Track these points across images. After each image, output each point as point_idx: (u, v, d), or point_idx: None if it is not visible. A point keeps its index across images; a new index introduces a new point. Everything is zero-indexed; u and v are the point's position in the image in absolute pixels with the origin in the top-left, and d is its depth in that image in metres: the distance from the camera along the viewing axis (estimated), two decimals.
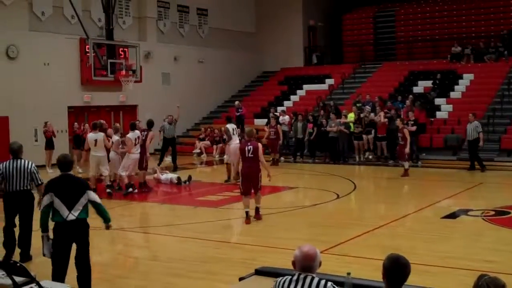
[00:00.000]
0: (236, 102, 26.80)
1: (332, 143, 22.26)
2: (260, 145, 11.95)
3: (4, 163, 9.03)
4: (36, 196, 9.25)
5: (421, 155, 21.14)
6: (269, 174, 11.94)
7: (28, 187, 9.08)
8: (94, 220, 7.60)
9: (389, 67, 29.46)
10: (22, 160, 9.02)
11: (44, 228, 7.22)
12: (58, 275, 7.27)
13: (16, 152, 9.07)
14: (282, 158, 22.71)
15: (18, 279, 6.44)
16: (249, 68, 32.14)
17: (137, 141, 15.40)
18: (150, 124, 16.95)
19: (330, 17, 34.41)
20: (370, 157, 21.76)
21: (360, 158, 21.97)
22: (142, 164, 16.00)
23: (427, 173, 19.11)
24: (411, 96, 23.64)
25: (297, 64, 32.18)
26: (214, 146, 24.76)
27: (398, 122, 18.90)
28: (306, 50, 33.11)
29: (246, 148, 11.67)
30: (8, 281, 6.46)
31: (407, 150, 17.74)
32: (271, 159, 21.19)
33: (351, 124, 22.19)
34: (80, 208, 7.15)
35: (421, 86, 26.12)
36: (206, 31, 30.16)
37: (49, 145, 20.50)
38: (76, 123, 21.53)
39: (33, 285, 6.30)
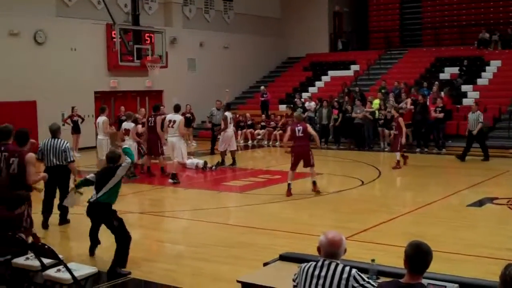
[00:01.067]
0: (262, 88, 26.83)
1: (357, 129, 22.17)
2: (308, 125, 13.93)
3: (44, 140, 10.45)
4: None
5: (447, 142, 20.94)
6: (318, 145, 14.84)
7: (64, 163, 10.26)
8: (121, 204, 7.74)
9: (415, 53, 29.19)
10: (58, 139, 10.36)
11: (77, 185, 8.59)
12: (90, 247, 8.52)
13: (54, 132, 10.46)
14: None
15: (46, 260, 6.59)
16: (274, 53, 32.08)
17: (170, 124, 15.36)
18: (156, 108, 16.79)
19: (356, 2, 34.16)
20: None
21: (385, 145, 21.79)
22: (157, 149, 16.02)
23: (453, 161, 18.92)
24: (437, 82, 23.40)
25: (322, 50, 32.02)
26: (239, 132, 24.79)
27: (393, 111, 18.62)
28: (332, 36, 32.93)
29: (296, 129, 13.13)
30: (36, 263, 6.63)
31: (403, 140, 17.24)
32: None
33: (377, 111, 22.02)
34: (104, 191, 7.89)
35: (448, 73, 25.86)
36: (231, 17, 30.13)
37: (76, 130, 20.78)
38: None
39: (60, 267, 6.44)
